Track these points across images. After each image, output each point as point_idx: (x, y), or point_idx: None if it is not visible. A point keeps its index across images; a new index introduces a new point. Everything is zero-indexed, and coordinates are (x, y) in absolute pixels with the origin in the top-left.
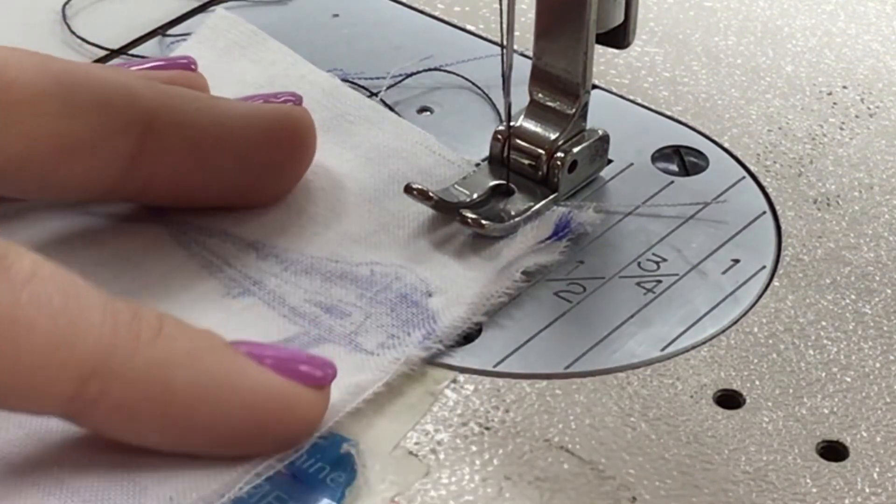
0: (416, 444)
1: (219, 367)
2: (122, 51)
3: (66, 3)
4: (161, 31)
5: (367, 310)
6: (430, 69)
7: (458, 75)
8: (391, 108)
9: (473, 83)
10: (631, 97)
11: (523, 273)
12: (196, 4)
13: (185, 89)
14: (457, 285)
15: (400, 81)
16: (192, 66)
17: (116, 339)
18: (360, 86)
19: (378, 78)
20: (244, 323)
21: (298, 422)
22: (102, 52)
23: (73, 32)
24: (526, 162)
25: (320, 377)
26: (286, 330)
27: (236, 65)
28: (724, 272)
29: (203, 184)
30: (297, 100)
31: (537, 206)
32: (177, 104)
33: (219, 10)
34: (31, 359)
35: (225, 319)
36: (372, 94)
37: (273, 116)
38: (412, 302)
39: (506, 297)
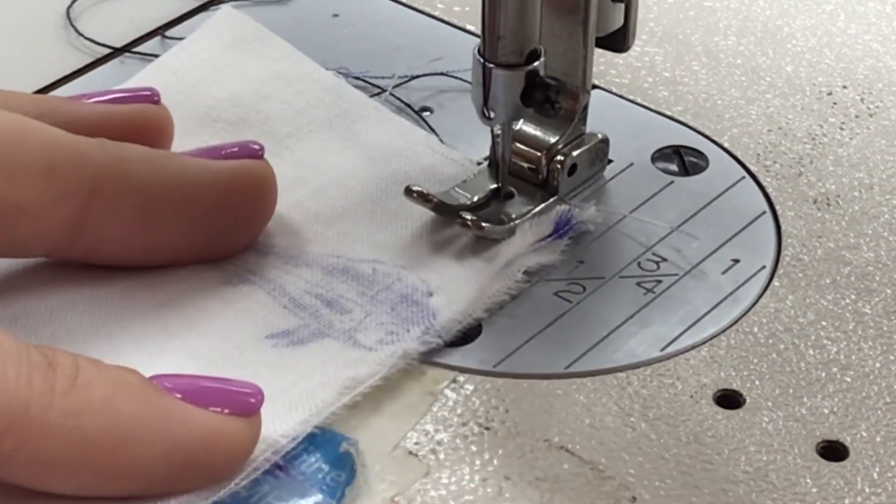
0: (416, 444)
1: (138, 410)
2: (126, 49)
3: (70, 5)
4: (161, 30)
5: (368, 308)
6: (437, 73)
7: (460, 79)
8: (399, 107)
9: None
10: (631, 97)
11: (524, 273)
12: (196, 4)
13: (138, 149)
14: (458, 284)
15: (406, 82)
16: (156, 99)
17: (31, 391)
18: (368, 82)
19: (382, 77)
20: (243, 311)
21: (227, 454)
22: (106, 51)
23: (79, 32)
24: (525, 165)
25: (250, 403)
26: (286, 321)
27: (240, 59)
28: (724, 272)
29: (153, 247)
30: (259, 150)
31: (537, 209)
32: (126, 169)
33: (225, 7)
34: None
35: (224, 307)
36: (379, 93)
37: (229, 176)
38: (413, 301)
39: (507, 296)
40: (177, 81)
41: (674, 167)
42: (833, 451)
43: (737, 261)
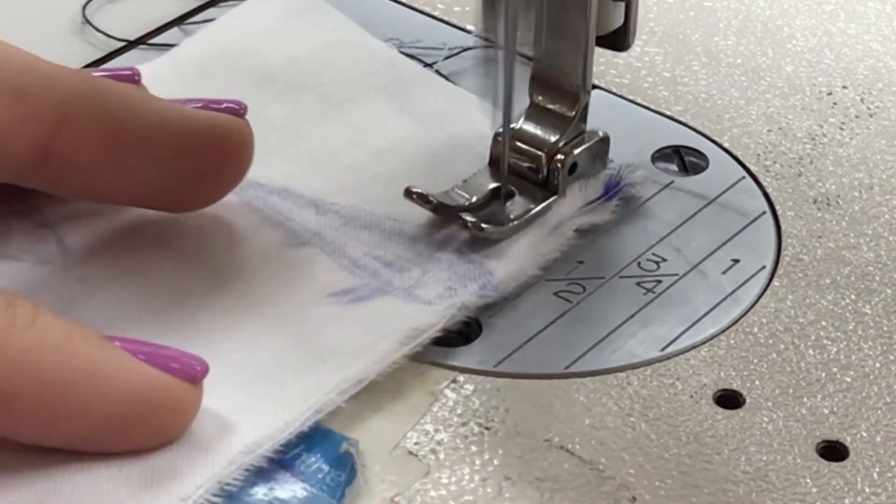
0: (416, 444)
1: (93, 355)
2: (142, 41)
3: (86, 4)
4: (179, 22)
5: (426, 266)
6: (489, 45)
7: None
8: (447, 78)
9: None
10: (631, 97)
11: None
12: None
13: (114, 83)
14: (512, 245)
15: (456, 54)
16: (136, 79)
17: None
18: (417, 58)
19: (432, 49)
20: (305, 272)
21: (172, 413)
22: (121, 44)
23: (95, 27)
24: (526, 164)
25: (196, 371)
26: (347, 280)
27: (297, 26)
28: (724, 272)
29: (118, 183)
30: (241, 109)
31: (537, 209)
32: (99, 99)
33: None
34: None
35: (285, 268)
36: (430, 64)
37: (204, 124)
38: (469, 259)
39: (558, 253)
40: (234, 42)
41: (674, 167)
42: (833, 451)
43: (737, 261)
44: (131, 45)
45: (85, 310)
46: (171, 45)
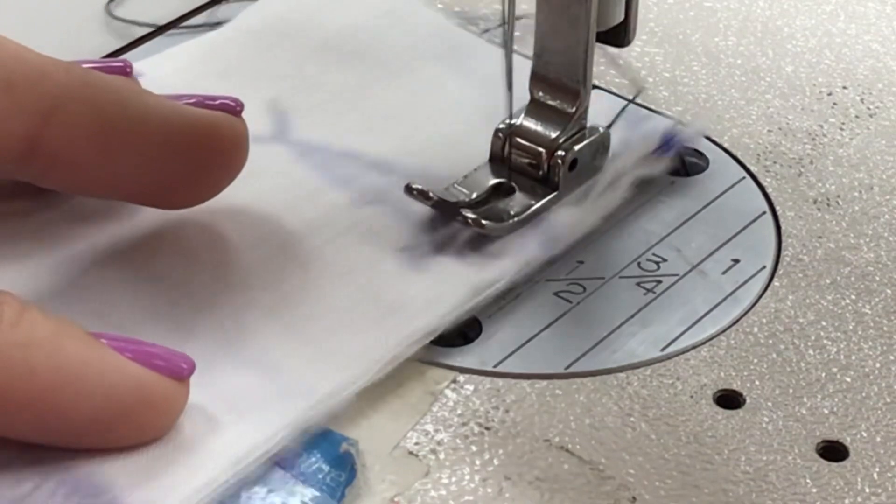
0: (416, 444)
1: (81, 352)
2: (169, 27)
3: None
4: (208, 6)
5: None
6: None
7: None
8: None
9: None
10: (631, 97)
11: (525, 273)
12: None
13: (106, 77)
14: (570, 198)
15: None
16: (128, 70)
17: None
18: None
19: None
20: (371, 230)
21: (157, 409)
22: (146, 30)
23: (119, 18)
24: (526, 161)
25: (182, 369)
26: (414, 237)
27: None
28: (724, 272)
29: (106, 177)
30: (237, 106)
31: (538, 205)
32: (89, 93)
33: None
34: None
35: (353, 225)
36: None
37: (196, 121)
38: (534, 213)
39: (619, 201)
40: (292, 13)
41: (674, 167)
42: (833, 451)
43: (737, 261)
44: (160, 29)
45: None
46: (204, 26)
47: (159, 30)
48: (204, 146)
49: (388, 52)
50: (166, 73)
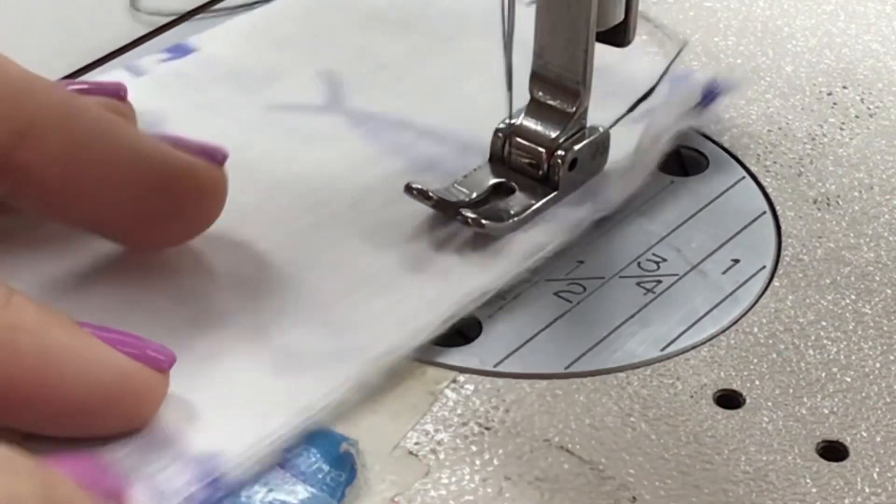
0: (416, 444)
1: (66, 338)
2: (193, 14)
3: None
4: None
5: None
6: None
7: None
8: None
9: None
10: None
11: (527, 270)
12: None
13: (92, 106)
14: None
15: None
16: (122, 94)
17: None
18: None
19: None
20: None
21: (140, 399)
22: (167, 19)
23: (141, 9)
24: (526, 160)
25: (162, 360)
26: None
27: None
28: (724, 272)
29: (73, 206)
30: (219, 156)
31: (538, 205)
32: (67, 118)
33: None
34: None
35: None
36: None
37: (175, 164)
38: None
39: (660, 157)
40: None
41: (674, 167)
42: (833, 451)
43: (737, 261)
44: (184, 17)
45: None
46: (232, 8)
47: (187, 14)
48: (179, 192)
49: (438, 22)
50: (221, 46)
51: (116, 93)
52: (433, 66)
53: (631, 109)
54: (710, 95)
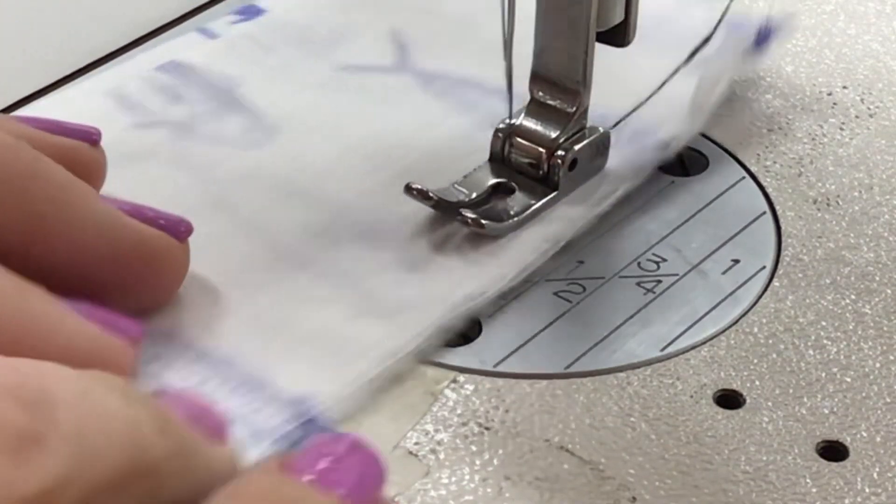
0: (416, 444)
1: (45, 308)
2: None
3: None
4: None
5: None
6: None
7: None
8: None
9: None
10: None
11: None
12: None
13: (58, 171)
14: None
15: None
16: (95, 138)
17: None
18: None
19: None
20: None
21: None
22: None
23: None
24: (526, 160)
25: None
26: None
27: None
28: (724, 272)
29: (30, 268)
30: (183, 231)
31: (538, 205)
32: (28, 185)
33: None
34: None
35: (478, 149)
36: None
37: (130, 237)
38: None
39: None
40: None
41: (674, 167)
42: (833, 451)
43: (737, 261)
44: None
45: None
46: None
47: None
48: (131, 263)
49: None
50: (289, 7)
51: (89, 136)
52: (498, 25)
53: (690, 58)
54: (763, 37)
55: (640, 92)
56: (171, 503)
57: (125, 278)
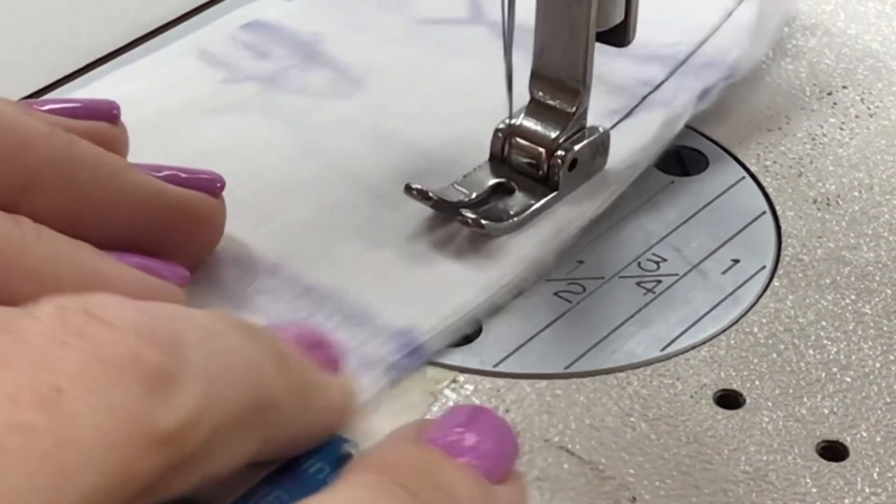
0: None
1: (98, 262)
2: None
3: None
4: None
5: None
6: None
7: None
8: None
9: None
10: None
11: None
12: None
13: (89, 150)
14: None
15: None
16: (115, 112)
17: (8, 239)
18: None
19: None
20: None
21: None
22: None
23: None
24: (526, 160)
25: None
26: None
27: None
28: (724, 272)
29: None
30: (218, 187)
31: (538, 205)
32: (70, 167)
33: None
34: None
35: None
36: None
37: (173, 205)
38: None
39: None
40: None
41: (674, 167)
42: (833, 451)
43: (737, 261)
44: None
45: None
46: None
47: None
48: (179, 229)
49: None
50: None
51: (109, 114)
52: None
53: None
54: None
55: (703, 24)
56: (290, 436)
57: (169, 241)
